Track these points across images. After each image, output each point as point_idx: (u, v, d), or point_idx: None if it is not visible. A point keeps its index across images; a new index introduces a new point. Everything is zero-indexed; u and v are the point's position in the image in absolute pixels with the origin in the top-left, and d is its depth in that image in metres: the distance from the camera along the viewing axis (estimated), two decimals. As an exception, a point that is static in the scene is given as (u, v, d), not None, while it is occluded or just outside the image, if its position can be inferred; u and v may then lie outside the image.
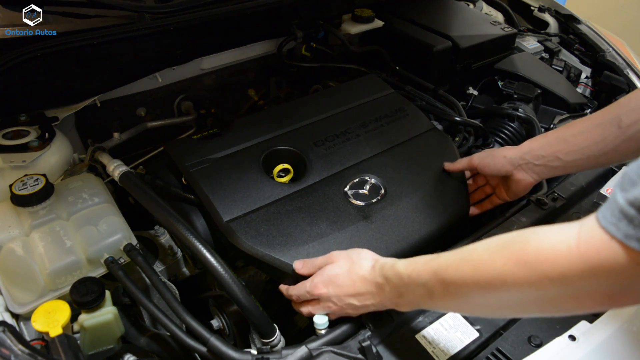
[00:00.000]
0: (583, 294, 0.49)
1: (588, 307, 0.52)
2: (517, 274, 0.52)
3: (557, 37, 1.74)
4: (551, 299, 0.52)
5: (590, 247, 0.46)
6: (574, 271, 0.47)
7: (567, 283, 0.49)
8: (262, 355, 0.72)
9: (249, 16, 1.21)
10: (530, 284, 0.51)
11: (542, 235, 0.52)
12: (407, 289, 0.67)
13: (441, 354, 0.73)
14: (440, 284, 0.62)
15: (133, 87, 1.21)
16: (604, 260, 0.45)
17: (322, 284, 0.76)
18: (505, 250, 0.54)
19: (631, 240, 0.43)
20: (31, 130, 0.98)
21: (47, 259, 0.79)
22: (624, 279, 0.46)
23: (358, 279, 0.74)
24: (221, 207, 0.88)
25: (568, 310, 0.54)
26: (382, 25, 1.46)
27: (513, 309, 0.59)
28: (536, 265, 0.50)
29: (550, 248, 0.50)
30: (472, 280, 0.57)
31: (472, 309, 0.64)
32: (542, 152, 0.92)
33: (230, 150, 0.99)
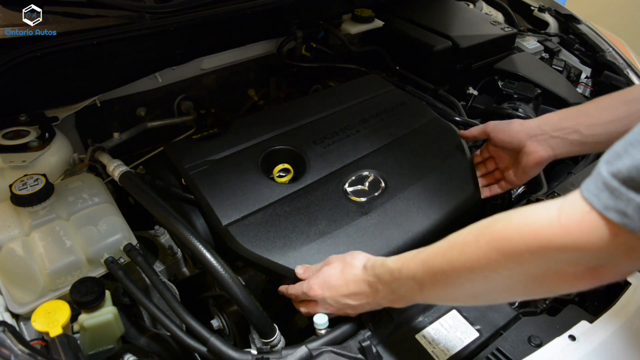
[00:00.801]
0: (565, 269, 0.49)
1: (572, 284, 0.51)
2: (501, 250, 0.52)
3: (557, 37, 1.74)
4: (535, 276, 0.51)
5: (571, 219, 0.46)
6: (556, 244, 0.47)
7: (549, 257, 0.48)
8: (262, 355, 0.72)
9: (249, 16, 1.21)
10: (514, 260, 0.51)
11: (525, 212, 0.51)
12: (399, 283, 0.67)
13: (441, 354, 0.73)
14: (428, 273, 0.62)
15: (133, 87, 1.21)
16: (584, 232, 0.45)
17: (318, 286, 0.77)
18: (489, 229, 0.54)
19: (610, 211, 0.43)
20: (31, 130, 0.98)
21: (47, 259, 0.79)
22: (603, 252, 0.45)
23: (351, 279, 0.74)
24: (220, 210, 0.88)
25: (552, 289, 0.54)
26: (382, 25, 1.46)
27: (500, 292, 0.59)
28: (518, 239, 0.50)
29: (532, 222, 0.50)
30: (458, 264, 0.57)
31: (461, 297, 0.64)
32: (562, 123, 0.88)
33: (228, 151, 0.99)
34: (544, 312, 0.83)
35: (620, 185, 0.42)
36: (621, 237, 0.43)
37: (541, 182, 1.13)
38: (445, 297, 0.68)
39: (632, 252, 0.44)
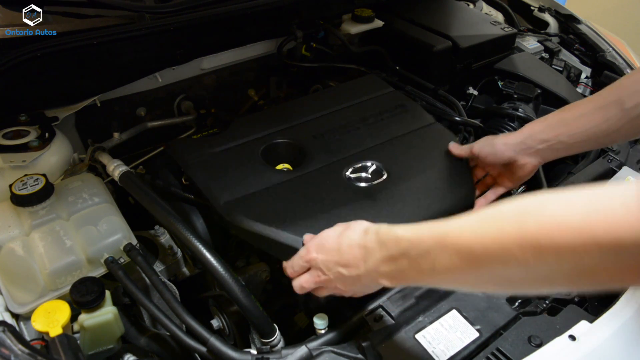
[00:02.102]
0: (630, 263, 0.42)
1: (629, 279, 0.45)
2: (556, 238, 0.44)
3: (557, 37, 1.74)
4: (590, 270, 0.45)
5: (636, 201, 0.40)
6: (633, 236, 0.40)
7: (617, 251, 0.42)
8: (262, 355, 0.72)
9: (249, 16, 1.21)
10: (573, 251, 0.44)
11: (590, 195, 0.45)
12: (405, 255, 0.59)
13: (441, 354, 0.73)
14: (449, 250, 0.53)
15: (133, 87, 1.21)
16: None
17: (314, 248, 0.72)
18: (541, 208, 0.46)
19: None
20: (31, 130, 0.98)
21: (47, 258, 0.79)
22: None
23: (346, 243, 0.68)
24: (218, 190, 0.87)
25: (603, 283, 0.47)
26: (382, 25, 1.46)
27: (536, 283, 0.51)
28: (583, 228, 0.43)
29: (602, 209, 0.43)
30: (494, 243, 0.49)
31: (484, 283, 0.55)
32: (544, 135, 0.90)
33: (229, 144, 0.99)
34: (544, 312, 0.83)
35: None
36: None
37: (541, 182, 1.12)
38: (463, 281, 0.57)
39: None
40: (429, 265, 0.56)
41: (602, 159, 1.13)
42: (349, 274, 0.67)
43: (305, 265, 0.73)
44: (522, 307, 0.85)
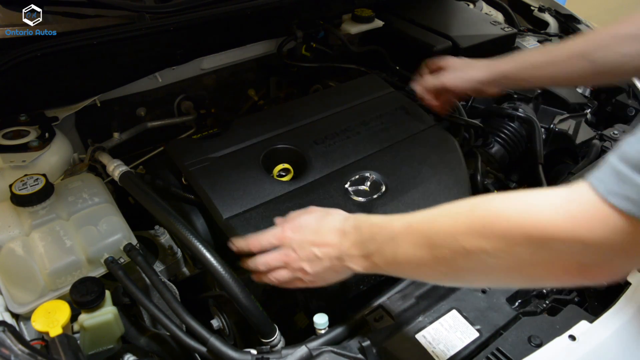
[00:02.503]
0: (557, 261, 0.47)
1: (559, 278, 0.49)
2: (495, 228, 0.49)
3: (557, 37, 1.74)
4: (522, 264, 0.49)
5: (576, 207, 0.44)
6: (556, 232, 0.45)
7: (544, 245, 0.46)
8: (262, 355, 0.72)
9: (249, 16, 1.21)
10: (507, 242, 0.48)
11: (528, 195, 0.49)
12: (374, 239, 0.63)
13: (441, 354, 0.73)
14: (410, 236, 0.59)
15: (133, 87, 1.21)
16: (588, 222, 0.43)
17: (290, 229, 0.74)
18: (487, 204, 0.52)
19: (614, 196, 0.41)
20: (31, 130, 0.98)
21: (47, 258, 0.79)
22: (603, 244, 0.43)
23: (326, 225, 0.71)
24: (221, 204, 0.87)
25: (537, 280, 0.52)
26: (382, 25, 1.46)
27: (478, 273, 0.55)
28: (516, 221, 0.48)
29: (535, 206, 0.47)
30: (445, 231, 0.54)
31: (435, 271, 0.59)
32: (517, 75, 0.97)
33: (230, 149, 0.99)
34: (544, 312, 0.83)
35: (627, 168, 0.41)
36: (624, 228, 0.41)
37: (541, 182, 1.13)
38: (417, 269, 0.61)
39: (632, 247, 0.42)
40: (393, 250, 0.61)
41: (602, 159, 1.13)
42: (322, 255, 0.69)
43: (276, 243, 0.75)
44: (522, 307, 0.85)
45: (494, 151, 1.28)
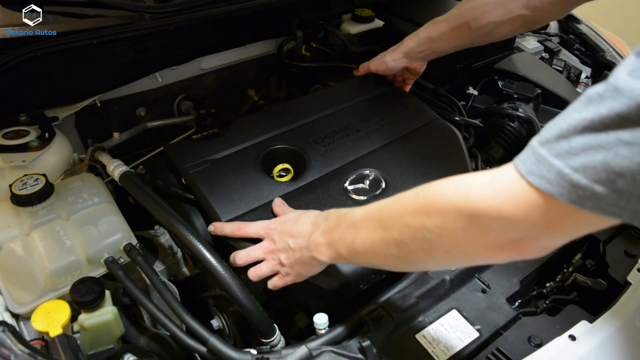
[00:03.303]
0: (488, 237, 0.51)
1: (492, 253, 0.52)
2: (432, 206, 0.55)
3: (557, 37, 1.74)
4: (457, 240, 0.53)
5: (500, 185, 0.48)
6: (482, 207, 0.49)
7: (475, 221, 0.50)
8: (262, 355, 0.72)
9: (249, 16, 1.21)
10: (443, 217, 0.53)
11: (464, 175, 0.54)
12: (339, 226, 0.68)
13: (441, 354, 0.73)
14: (367, 219, 0.64)
15: (133, 87, 1.21)
16: (510, 198, 0.47)
17: (276, 221, 0.80)
18: (429, 186, 0.57)
19: (532, 175, 0.45)
20: (31, 130, 0.98)
21: (47, 258, 0.79)
22: (526, 220, 0.47)
23: (304, 218, 0.77)
24: (219, 207, 0.87)
25: (473, 257, 0.55)
26: (382, 25, 1.46)
27: (422, 252, 0.59)
28: (450, 197, 0.53)
29: (467, 183, 0.52)
30: (395, 213, 0.60)
31: (387, 253, 0.63)
32: (420, 49, 1.14)
33: (229, 150, 0.99)
34: (544, 312, 0.83)
35: (545, 151, 0.44)
36: (542, 205, 0.45)
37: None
38: (372, 254, 0.65)
39: (552, 223, 0.46)
40: (352, 236, 0.65)
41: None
42: (294, 246, 0.75)
43: (261, 233, 0.81)
44: (522, 307, 0.85)
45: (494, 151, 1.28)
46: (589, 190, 0.41)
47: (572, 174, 0.42)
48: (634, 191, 0.40)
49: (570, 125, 0.43)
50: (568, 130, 0.43)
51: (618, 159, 0.39)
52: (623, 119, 0.39)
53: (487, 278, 0.86)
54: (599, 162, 0.40)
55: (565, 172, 0.42)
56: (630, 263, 0.89)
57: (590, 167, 0.41)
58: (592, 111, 0.41)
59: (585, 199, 0.42)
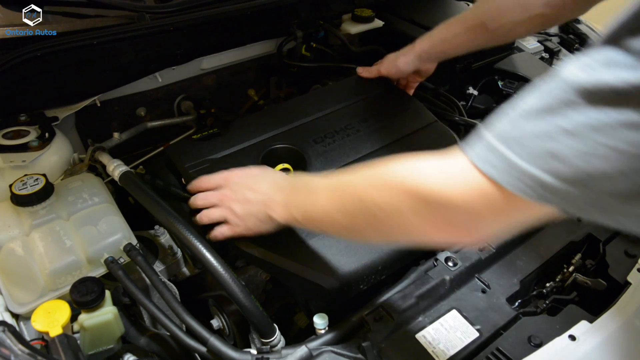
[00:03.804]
0: (431, 219, 0.52)
1: (436, 235, 0.54)
2: (382, 179, 0.57)
3: (557, 37, 1.74)
4: (401, 219, 0.55)
5: (449, 168, 0.50)
6: (430, 186, 0.51)
7: (421, 200, 0.52)
8: (262, 355, 0.72)
9: (249, 16, 1.21)
10: (390, 192, 0.55)
11: (420, 156, 0.55)
12: (299, 190, 0.72)
13: (441, 354, 0.73)
14: (327, 189, 0.66)
15: (133, 87, 1.20)
16: (457, 183, 0.48)
17: (237, 174, 0.82)
18: (387, 165, 0.59)
19: (479, 160, 0.46)
20: (31, 130, 0.98)
21: (47, 258, 0.79)
22: (471, 204, 0.48)
23: (268, 176, 0.79)
24: None
25: (416, 237, 0.57)
26: (382, 25, 1.46)
27: (366, 225, 0.61)
28: (400, 175, 0.55)
29: (420, 166, 0.54)
30: (353, 184, 0.62)
31: (338, 223, 0.65)
32: (433, 50, 1.12)
33: (229, 150, 0.99)
34: (544, 312, 0.83)
35: (493, 139, 0.46)
36: (489, 192, 0.46)
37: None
38: (325, 221, 0.67)
39: (498, 211, 0.47)
40: (310, 203, 0.68)
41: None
42: (252, 198, 0.77)
43: (220, 183, 0.83)
44: (522, 307, 0.85)
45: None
46: (534, 179, 0.42)
47: (519, 163, 0.43)
48: (577, 181, 0.41)
49: (517, 114, 0.44)
50: (515, 119, 0.44)
51: (561, 147, 0.40)
52: (561, 102, 0.40)
53: (487, 278, 0.86)
54: (545, 151, 0.41)
55: (513, 160, 0.43)
56: (630, 263, 0.89)
57: (537, 156, 0.42)
58: (535, 98, 0.43)
59: (529, 187, 0.43)
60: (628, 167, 0.39)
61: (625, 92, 0.37)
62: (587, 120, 0.39)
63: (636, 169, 0.39)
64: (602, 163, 0.39)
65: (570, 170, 0.40)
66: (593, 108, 0.38)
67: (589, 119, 0.39)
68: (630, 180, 0.39)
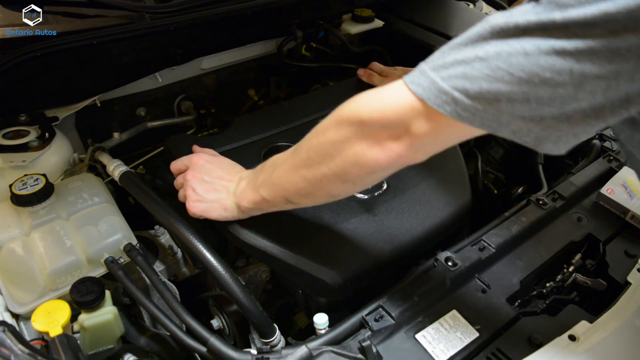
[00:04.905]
0: (375, 134, 0.59)
1: (379, 153, 0.60)
2: (333, 121, 0.64)
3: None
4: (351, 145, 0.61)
5: (387, 91, 0.58)
6: (370, 111, 0.58)
7: (362, 124, 0.59)
8: (262, 355, 0.72)
9: (249, 16, 1.21)
10: (339, 125, 0.62)
11: (368, 91, 0.61)
12: (263, 168, 0.77)
13: (441, 354, 0.73)
14: (287, 154, 0.72)
15: (133, 87, 1.21)
16: (392, 100, 0.57)
17: (205, 157, 0.86)
18: (351, 99, 0.64)
19: (412, 83, 0.54)
20: (31, 130, 0.98)
21: (47, 258, 0.79)
22: (402, 117, 0.56)
23: (237, 168, 0.86)
24: None
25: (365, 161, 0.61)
26: (382, 25, 1.46)
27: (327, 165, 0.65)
28: (348, 110, 0.62)
29: (364, 96, 0.61)
30: (307, 138, 0.68)
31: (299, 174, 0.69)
32: None
33: (230, 146, 0.99)
34: (544, 312, 0.83)
35: (426, 66, 0.54)
36: (415, 106, 0.54)
37: (541, 182, 1.12)
38: (285, 180, 0.71)
39: (423, 124, 0.55)
40: (278, 171, 0.72)
41: (602, 158, 1.13)
42: (216, 183, 0.82)
43: (187, 164, 0.86)
44: (522, 307, 0.85)
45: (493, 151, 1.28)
46: (449, 95, 0.51)
47: (440, 82, 0.52)
48: (481, 99, 0.49)
49: (448, 47, 0.54)
50: (446, 51, 0.54)
51: (474, 71, 0.49)
52: (480, 37, 0.50)
53: (487, 278, 0.86)
54: (460, 73, 0.50)
55: (435, 80, 0.52)
56: (630, 263, 0.89)
57: (453, 77, 0.51)
58: (464, 36, 0.52)
59: (445, 103, 0.51)
60: (521, 91, 0.48)
61: (525, 27, 0.47)
62: (494, 49, 0.48)
63: (527, 95, 0.48)
64: (500, 85, 0.48)
65: (476, 88, 0.49)
66: (501, 40, 0.48)
67: (496, 48, 0.48)
68: (529, 106, 0.48)
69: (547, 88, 0.47)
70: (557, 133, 0.51)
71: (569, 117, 0.49)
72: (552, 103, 0.48)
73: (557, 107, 0.48)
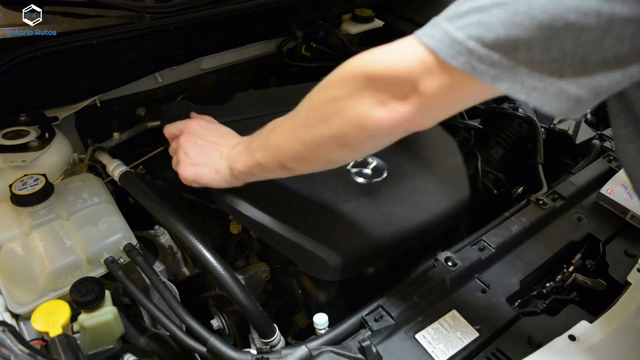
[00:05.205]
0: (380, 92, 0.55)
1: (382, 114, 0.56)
2: (336, 77, 0.61)
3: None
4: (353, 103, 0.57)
5: (398, 45, 0.55)
6: (378, 65, 0.55)
7: (368, 80, 0.56)
8: (261, 355, 0.72)
9: (249, 16, 1.21)
10: (343, 82, 0.59)
11: (375, 48, 0.58)
12: (260, 133, 0.73)
13: (441, 354, 0.73)
14: (285, 117, 0.69)
15: (133, 87, 1.20)
16: (402, 54, 0.53)
17: (200, 123, 0.84)
18: (340, 65, 0.61)
19: (424, 36, 0.50)
20: (31, 130, 0.98)
21: (47, 258, 0.79)
22: (410, 70, 0.52)
23: (231, 133, 0.83)
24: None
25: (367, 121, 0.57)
26: (382, 25, 1.46)
27: (327, 125, 0.62)
28: (353, 66, 0.59)
29: (372, 51, 0.58)
30: (308, 97, 0.66)
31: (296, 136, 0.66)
32: None
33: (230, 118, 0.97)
34: (544, 312, 0.83)
35: (440, 19, 0.50)
36: (427, 60, 0.50)
37: (541, 182, 1.13)
38: (281, 143, 0.69)
39: (435, 80, 0.50)
40: (275, 134, 0.69)
41: (602, 158, 1.13)
42: (210, 147, 0.80)
43: (181, 128, 0.84)
44: (522, 307, 0.85)
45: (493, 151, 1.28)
46: (463, 45, 0.47)
47: (454, 31, 0.48)
48: (498, 46, 0.45)
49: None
50: (461, 1, 0.49)
51: (491, 17, 0.45)
52: None
53: (487, 278, 0.86)
54: (475, 21, 0.46)
55: (449, 30, 0.48)
56: (630, 263, 0.89)
57: (468, 25, 0.47)
58: None
59: (459, 54, 0.47)
60: (542, 36, 0.43)
61: None
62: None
63: (548, 42, 0.43)
64: (519, 31, 0.44)
65: (493, 36, 0.45)
66: None
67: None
68: (549, 55, 0.44)
69: (570, 33, 0.42)
70: (576, 90, 0.45)
71: (590, 68, 0.44)
72: (575, 52, 0.43)
73: (579, 56, 0.43)
